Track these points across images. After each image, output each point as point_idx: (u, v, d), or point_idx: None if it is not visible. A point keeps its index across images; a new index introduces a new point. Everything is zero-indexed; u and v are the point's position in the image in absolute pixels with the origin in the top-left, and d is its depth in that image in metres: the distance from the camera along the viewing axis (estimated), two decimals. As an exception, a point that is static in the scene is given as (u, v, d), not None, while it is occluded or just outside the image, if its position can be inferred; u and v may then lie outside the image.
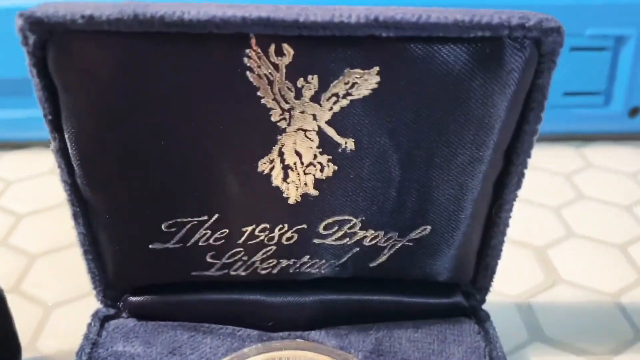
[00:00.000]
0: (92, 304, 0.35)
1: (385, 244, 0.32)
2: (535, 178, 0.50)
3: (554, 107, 0.52)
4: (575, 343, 0.36)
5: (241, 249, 0.32)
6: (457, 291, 0.35)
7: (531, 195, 0.48)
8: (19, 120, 0.52)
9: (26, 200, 0.48)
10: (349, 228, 0.32)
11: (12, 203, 0.48)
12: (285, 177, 0.30)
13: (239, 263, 0.33)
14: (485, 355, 0.32)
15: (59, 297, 0.39)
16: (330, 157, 0.29)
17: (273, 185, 0.30)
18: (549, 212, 0.47)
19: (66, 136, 0.28)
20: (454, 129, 0.28)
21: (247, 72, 0.26)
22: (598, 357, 0.35)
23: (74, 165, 0.29)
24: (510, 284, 0.40)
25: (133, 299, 0.34)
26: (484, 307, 0.35)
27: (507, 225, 0.32)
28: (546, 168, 0.52)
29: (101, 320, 0.34)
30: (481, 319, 0.34)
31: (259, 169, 0.29)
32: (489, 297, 0.35)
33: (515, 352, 0.36)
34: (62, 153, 0.29)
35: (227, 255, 0.32)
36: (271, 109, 0.28)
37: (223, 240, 0.32)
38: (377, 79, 0.27)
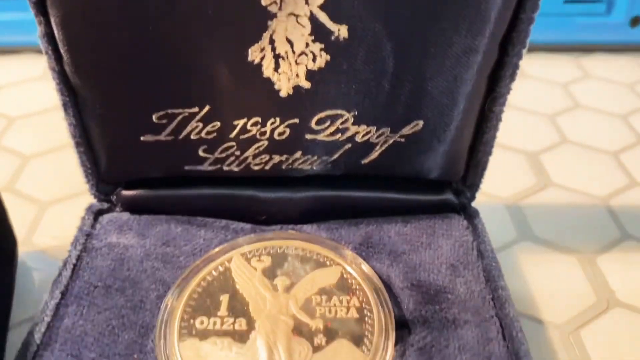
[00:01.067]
0: (86, 202, 0.35)
1: (377, 140, 0.32)
2: (532, 87, 0.50)
3: (554, 15, 0.51)
4: (562, 242, 0.37)
5: (233, 143, 0.32)
6: (448, 189, 0.35)
7: (526, 103, 0.48)
8: (7, 23, 0.51)
9: (18, 103, 0.47)
10: (342, 123, 0.32)
11: (3, 106, 0.47)
12: (277, 68, 0.29)
13: (232, 158, 0.33)
14: (473, 249, 0.32)
15: (53, 195, 0.40)
16: (322, 45, 0.28)
17: (264, 76, 0.29)
18: (544, 120, 0.47)
19: (52, 20, 0.27)
20: (449, 16, 0.27)
21: (236, -51, 0.25)
22: (584, 255, 0.36)
23: (61, 51, 0.28)
24: (501, 187, 0.40)
25: (126, 192, 0.34)
26: (476, 207, 0.35)
27: (499, 120, 0.32)
28: (543, 77, 0.51)
29: (95, 214, 0.34)
30: (470, 215, 0.34)
31: (250, 58, 0.29)
32: (481, 199, 0.35)
33: (503, 249, 0.36)
34: (49, 38, 0.28)
35: (219, 150, 0.32)
36: (261, -10, 0.27)
37: (215, 134, 0.32)
38: (372, -43, 0.26)
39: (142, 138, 0.31)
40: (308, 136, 0.32)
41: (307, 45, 0.28)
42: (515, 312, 0.29)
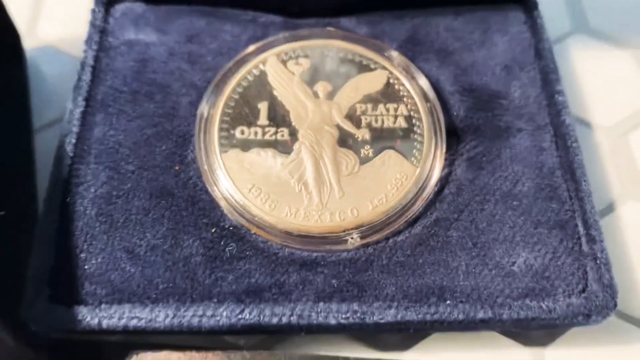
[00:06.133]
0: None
1: None
2: None
3: None
4: (619, 36, 0.34)
5: None
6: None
7: None
8: None
9: None
10: None
11: None
12: None
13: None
14: (530, 47, 0.29)
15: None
16: None
17: None
18: None
19: None
20: None
21: None
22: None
23: None
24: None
25: (137, -23, 0.30)
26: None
27: None
28: None
29: (105, 5, 0.30)
30: (529, 6, 0.31)
31: None
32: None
33: (556, 43, 0.33)
34: None
35: None
36: None
37: None
38: None
39: None
40: None
41: None
42: (572, 120, 0.27)
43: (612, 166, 0.29)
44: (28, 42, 0.32)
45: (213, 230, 0.24)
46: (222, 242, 0.24)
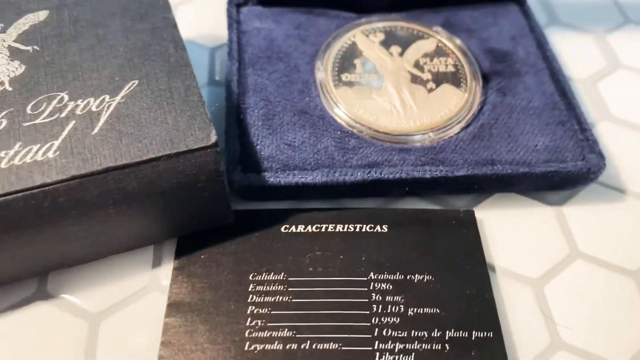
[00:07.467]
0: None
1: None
2: None
3: None
4: (581, 26, 0.48)
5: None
6: (505, -18, 0.45)
7: None
8: None
9: None
10: None
11: None
12: None
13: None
14: (526, 26, 0.44)
15: (177, -1, 0.48)
16: None
17: None
18: None
19: None
20: None
21: None
22: (598, 35, 0.48)
23: None
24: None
25: (259, -11, 0.43)
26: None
27: None
28: None
29: (236, 6, 0.43)
30: (521, 3, 0.45)
31: None
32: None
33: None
34: None
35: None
36: None
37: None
38: None
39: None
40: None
41: None
42: (560, 65, 0.41)
43: (589, 102, 0.43)
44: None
45: (339, 133, 0.37)
46: (346, 139, 0.36)
